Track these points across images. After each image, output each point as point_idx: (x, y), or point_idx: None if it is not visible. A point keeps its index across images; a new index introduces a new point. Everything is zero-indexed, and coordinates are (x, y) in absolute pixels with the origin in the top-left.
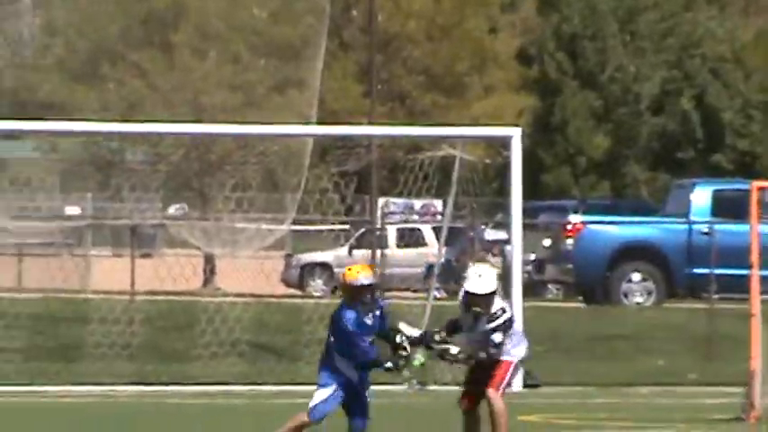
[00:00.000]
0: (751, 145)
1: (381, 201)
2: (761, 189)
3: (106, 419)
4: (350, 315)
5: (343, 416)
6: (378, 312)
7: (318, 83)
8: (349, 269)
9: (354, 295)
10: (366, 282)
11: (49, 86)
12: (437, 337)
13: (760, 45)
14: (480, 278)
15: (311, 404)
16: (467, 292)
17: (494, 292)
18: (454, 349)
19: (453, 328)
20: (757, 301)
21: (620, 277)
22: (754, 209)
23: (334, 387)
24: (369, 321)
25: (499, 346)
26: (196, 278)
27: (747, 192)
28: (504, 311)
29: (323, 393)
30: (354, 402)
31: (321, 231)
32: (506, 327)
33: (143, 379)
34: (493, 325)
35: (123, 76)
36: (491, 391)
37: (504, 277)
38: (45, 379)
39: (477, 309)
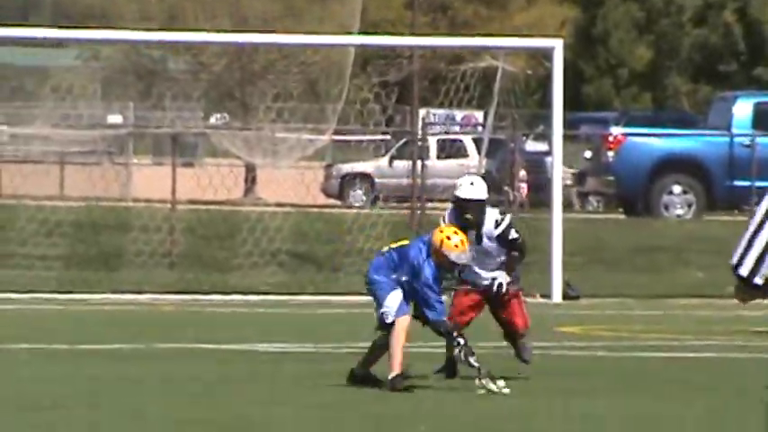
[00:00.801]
0: None
1: (422, 111)
2: None
3: (146, 328)
4: (431, 271)
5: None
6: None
7: None
8: (448, 237)
9: (442, 263)
10: (459, 261)
11: None
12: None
13: None
14: (473, 185)
15: (393, 310)
16: (459, 199)
17: (485, 200)
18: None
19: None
20: None
21: (660, 189)
22: None
23: (400, 291)
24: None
25: (516, 242)
26: (237, 188)
27: None
28: (504, 215)
29: (396, 297)
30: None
31: (362, 142)
32: (514, 230)
33: (183, 288)
34: (502, 227)
35: None
36: (523, 331)
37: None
38: (86, 287)
39: (470, 216)
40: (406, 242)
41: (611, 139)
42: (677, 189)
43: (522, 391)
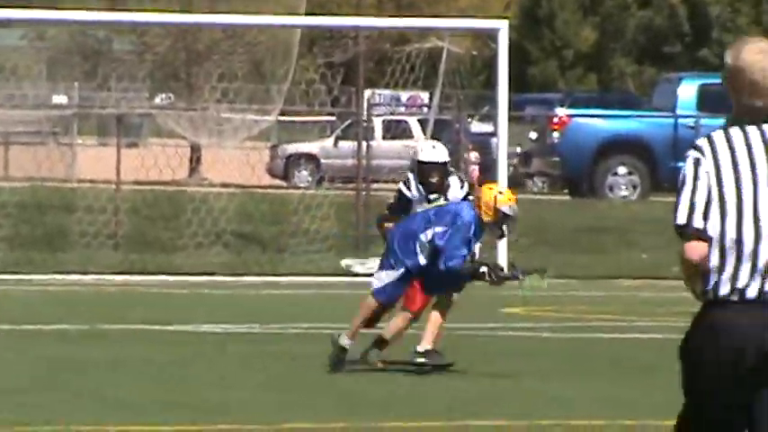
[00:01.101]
0: (738, 39)
1: (368, 92)
2: None
3: (91, 308)
4: (472, 216)
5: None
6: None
7: None
8: (500, 192)
9: (494, 220)
10: (512, 212)
11: None
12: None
13: None
14: (435, 148)
15: (378, 285)
16: (421, 163)
17: (448, 163)
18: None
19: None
20: None
21: (605, 170)
22: None
23: (402, 270)
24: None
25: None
26: (182, 168)
27: None
28: (463, 180)
29: (392, 274)
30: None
31: (307, 122)
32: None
33: (128, 268)
34: (466, 188)
35: None
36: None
37: None
38: (31, 267)
39: (434, 180)
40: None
41: (556, 120)
42: (622, 170)
43: (479, 374)
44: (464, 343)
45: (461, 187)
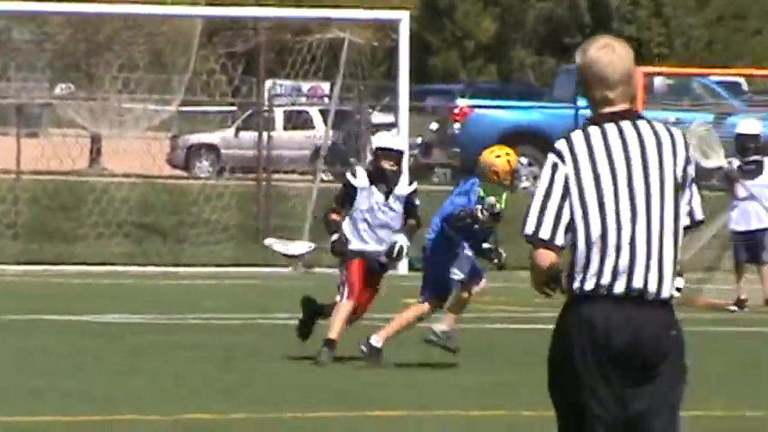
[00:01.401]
0: (638, 31)
1: (269, 83)
2: (647, 75)
3: None
4: (475, 193)
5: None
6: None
7: None
8: (507, 153)
9: (512, 182)
10: (517, 167)
11: None
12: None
13: None
14: (393, 137)
15: (459, 276)
16: (381, 149)
17: (404, 153)
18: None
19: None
20: None
21: None
22: (639, 95)
23: (463, 247)
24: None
25: (417, 210)
26: (82, 158)
27: None
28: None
29: (465, 258)
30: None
31: (208, 113)
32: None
33: (28, 258)
34: (414, 186)
35: None
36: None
37: None
38: None
39: (390, 166)
40: None
41: (456, 111)
42: (523, 161)
43: (384, 365)
44: (366, 334)
45: (409, 184)
